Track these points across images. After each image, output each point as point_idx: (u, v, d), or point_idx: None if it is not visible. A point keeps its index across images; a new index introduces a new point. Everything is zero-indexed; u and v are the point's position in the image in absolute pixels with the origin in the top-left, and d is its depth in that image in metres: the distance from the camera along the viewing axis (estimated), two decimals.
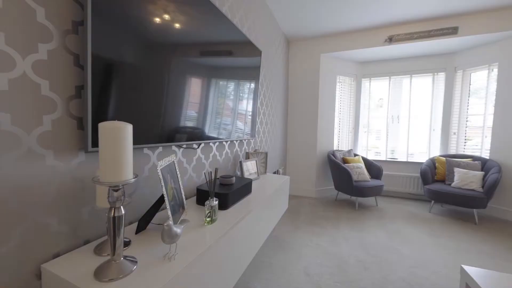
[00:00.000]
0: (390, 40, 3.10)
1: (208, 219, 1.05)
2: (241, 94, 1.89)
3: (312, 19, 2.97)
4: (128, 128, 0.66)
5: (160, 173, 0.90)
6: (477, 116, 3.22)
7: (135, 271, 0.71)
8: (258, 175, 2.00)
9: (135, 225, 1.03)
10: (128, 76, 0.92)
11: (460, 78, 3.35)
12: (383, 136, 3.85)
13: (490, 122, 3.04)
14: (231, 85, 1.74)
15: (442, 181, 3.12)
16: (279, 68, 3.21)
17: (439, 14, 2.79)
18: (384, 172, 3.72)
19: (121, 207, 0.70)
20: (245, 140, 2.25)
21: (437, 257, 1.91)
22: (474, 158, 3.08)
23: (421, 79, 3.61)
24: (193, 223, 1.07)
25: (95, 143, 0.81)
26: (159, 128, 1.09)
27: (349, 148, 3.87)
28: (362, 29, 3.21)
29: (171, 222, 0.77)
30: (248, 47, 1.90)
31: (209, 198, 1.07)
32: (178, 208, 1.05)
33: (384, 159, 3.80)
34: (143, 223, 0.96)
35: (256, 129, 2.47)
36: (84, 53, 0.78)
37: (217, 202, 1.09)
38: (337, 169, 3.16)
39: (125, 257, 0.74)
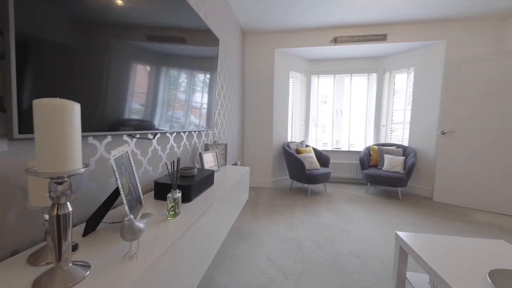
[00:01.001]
0: (335, 40, 3.42)
1: (171, 212, 0.97)
2: (194, 87, 1.78)
3: (268, 13, 3.02)
4: (76, 107, 0.55)
5: (113, 164, 0.78)
6: (399, 112, 3.88)
7: (88, 277, 0.61)
8: (218, 167, 1.96)
9: (80, 227, 0.88)
10: (63, 52, 0.76)
11: (388, 79, 3.96)
12: (329, 129, 4.26)
13: (408, 117, 3.70)
14: (186, 75, 1.63)
15: (375, 166, 3.66)
16: (235, 59, 3.17)
17: (374, 22, 3.22)
18: (331, 161, 4.13)
19: (68, 203, 0.58)
20: (203, 131, 2.16)
21: (374, 230, 2.25)
22: (397, 146, 3.71)
23: (359, 78, 4.12)
24: (154, 218, 0.98)
25: (22, 129, 0.65)
26: (99, 119, 0.93)
27: (301, 140, 4.15)
28: (313, 28, 3.44)
29: (131, 216, 0.68)
30: (205, 34, 1.81)
31: (172, 190, 0.99)
32: (136, 203, 0.94)
33: (330, 149, 4.22)
34: (92, 223, 0.83)
35: (214, 121, 2.40)
36: (3, 11, 0.60)
37: (180, 194, 1.01)
38: (292, 159, 3.35)
39: (73, 262, 0.62)
